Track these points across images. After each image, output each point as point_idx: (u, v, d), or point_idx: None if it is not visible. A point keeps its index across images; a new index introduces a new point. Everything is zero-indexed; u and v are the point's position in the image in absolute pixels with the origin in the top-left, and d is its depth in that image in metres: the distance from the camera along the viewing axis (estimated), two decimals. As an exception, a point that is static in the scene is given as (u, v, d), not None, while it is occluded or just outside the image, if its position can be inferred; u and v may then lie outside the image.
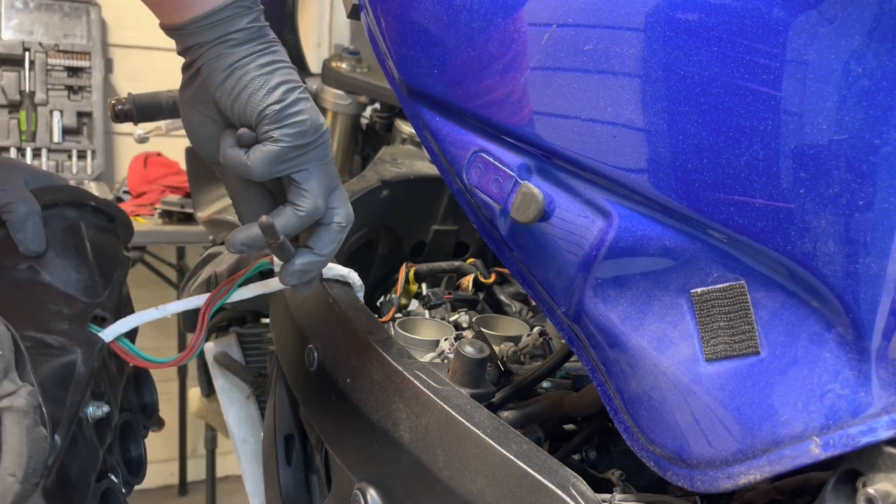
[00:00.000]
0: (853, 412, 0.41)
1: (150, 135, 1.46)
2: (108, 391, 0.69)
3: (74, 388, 0.60)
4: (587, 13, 0.49)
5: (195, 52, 0.57)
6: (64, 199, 0.72)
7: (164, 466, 2.88)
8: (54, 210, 0.71)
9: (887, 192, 0.40)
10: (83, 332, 0.65)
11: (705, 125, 0.44)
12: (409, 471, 0.59)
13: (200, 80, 0.58)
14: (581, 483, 0.49)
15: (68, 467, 0.58)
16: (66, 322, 0.64)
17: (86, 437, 0.63)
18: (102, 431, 0.67)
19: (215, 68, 0.56)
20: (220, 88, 0.57)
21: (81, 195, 0.76)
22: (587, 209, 0.52)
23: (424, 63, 0.59)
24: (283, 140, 0.56)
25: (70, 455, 0.59)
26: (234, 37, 0.57)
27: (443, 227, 1.13)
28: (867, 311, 0.41)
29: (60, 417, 0.57)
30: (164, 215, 2.43)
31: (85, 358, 0.62)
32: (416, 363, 0.63)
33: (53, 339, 0.62)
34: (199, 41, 0.57)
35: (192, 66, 0.58)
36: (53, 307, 0.65)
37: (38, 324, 0.62)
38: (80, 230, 0.73)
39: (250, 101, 0.56)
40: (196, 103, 0.59)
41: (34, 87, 2.49)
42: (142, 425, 0.82)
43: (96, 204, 0.77)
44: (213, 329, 1.47)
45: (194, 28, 0.56)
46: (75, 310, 0.66)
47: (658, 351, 0.49)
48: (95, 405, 0.64)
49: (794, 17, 0.41)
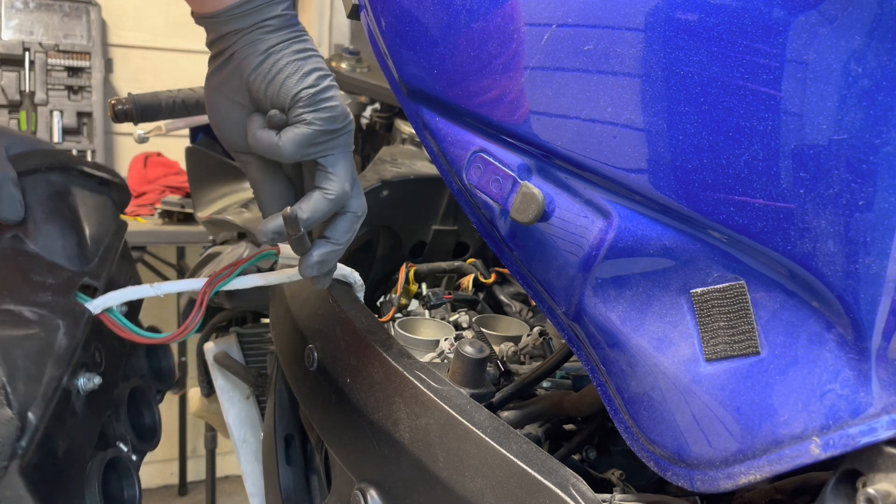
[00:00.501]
0: (853, 412, 0.41)
1: (150, 135, 1.46)
2: (104, 361, 0.66)
3: (54, 362, 0.57)
4: (587, 13, 0.49)
5: (229, 39, 0.59)
6: (48, 163, 0.69)
7: (164, 466, 2.88)
8: (37, 175, 0.68)
9: (887, 192, 0.40)
10: (68, 303, 0.62)
11: (705, 125, 0.44)
12: (409, 471, 0.59)
13: (233, 66, 0.59)
14: (581, 483, 0.49)
15: (53, 443, 0.56)
16: (49, 293, 0.62)
17: (76, 410, 0.61)
18: (98, 403, 0.65)
19: (251, 53, 0.58)
20: (254, 72, 0.58)
21: (68, 159, 0.72)
22: (587, 209, 0.52)
23: (424, 63, 0.59)
24: (315, 123, 0.58)
25: (56, 430, 0.57)
26: (269, 23, 0.58)
27: (443, 227, 1.13)
28: (867, 311, 0.41)
29: (36, 394, 0.54)
30: (164, 215, 2.43)
31: (68, 330, 0.60)
32: (416, 363, 0.63)
33: (31, 312, 0.59)
34: (235, 28, 0.58)
35: (224, 53, 0.60)
36: (37, 277, 0.63)
37: (17, 296, 0.60)
38: (67, 195, 0.71)
39: (285, 84, 0.58)
40: (225, 89, 0.60)
41: (34, 87, 2.49)
42: (155, 391, 0.79)
43: (85, 167, 0.74)
44: (213, 329, 1.47)
45: (231, 15, 0.58)
46: (61, 279, 0.64)
47: (658, 351, 0.49)
48: (86, 377, 0.62)
49: (794, 17, 0.41)
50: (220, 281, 0.66)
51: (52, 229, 0.67)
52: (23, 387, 0.53)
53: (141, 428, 0.76)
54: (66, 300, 0.62)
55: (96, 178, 0.75)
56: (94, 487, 0.63)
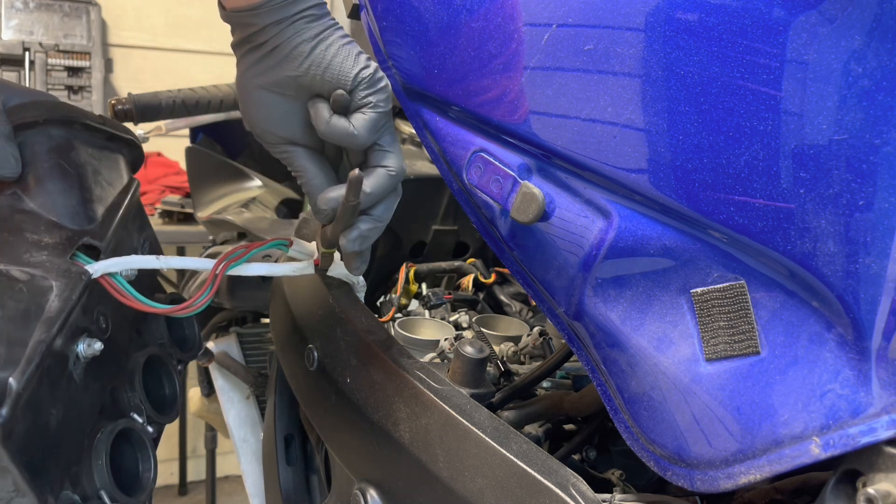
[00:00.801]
0: (853, 412, 0.41)
1: (150, 135, 1.46)
2: (109, 327, 0.62)
3: (43, 325, 0.52)
4: (587, 13, 0.49)
5: (271, 31, 0.59)
6: (47, 116, 0.64)
7: (164, 466, 2.88)
8: (36, 129, 0.63)
9: (887, 192, 0.40)
10: (64, 263, 0.58)
11: (705, 125, 0.44)
12: (409, 471, 0.59)
13: (279, 57, 0.59)
14: (581, 483, 0.49)
15: (44, 412, 0.52)
16: (44, 252, 0.58)
17: (73, 377, 0.57)
18: (102, 370, 0.61)
19: (302, 41, 0.59)
20: (308, 59, 0.59)
21: (70, 111, 0.67)
22: (587, 209, 0.52)
23: (424, 63, 0.59)
24: (380, 105, 0.60)
25: (48, 398, 0.53)
26: (310, 12, 0.60)
27: (443, 227, 1.12)
28: (867, 311, 0.41)
29: (18, 358, 0.50)
30: (164, 215, 2.43)
31: (61, 291, 0.55)
32: (416, 363, 0.63)
33: (22, 273, 0.55)
34: (278, 18, 0.58)
35: (265, 46, 0.60)
36: (32, 236, 0.59)
37: (8, 256, 0.56)
38: (69, 150, 0.66)
39: (343, 67, 0.59)
40: (270, 82, 0.61)
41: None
42: (176, 360, 0.75)
43: (89, 121, 0.69)
44: (213, 329, 1.47)
45: (272, 6, 0.58)
46: (58, 238, 0.60)
47: (658, 351, 0.49)
48: (87, 342, 0.58)
49: (794, 17, 0.41)
50: (233, 261, 0.64)
51: (52, 186, 0.63)
52: (4, 351, 0.49)
53: (159, 399, 0.71)
54: (62, 260, 0.58)
55: (103, 133, 0.71)
56: (101, 460, 0.59)
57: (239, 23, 0.60)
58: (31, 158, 0.62)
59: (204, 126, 1.53)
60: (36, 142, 0.63)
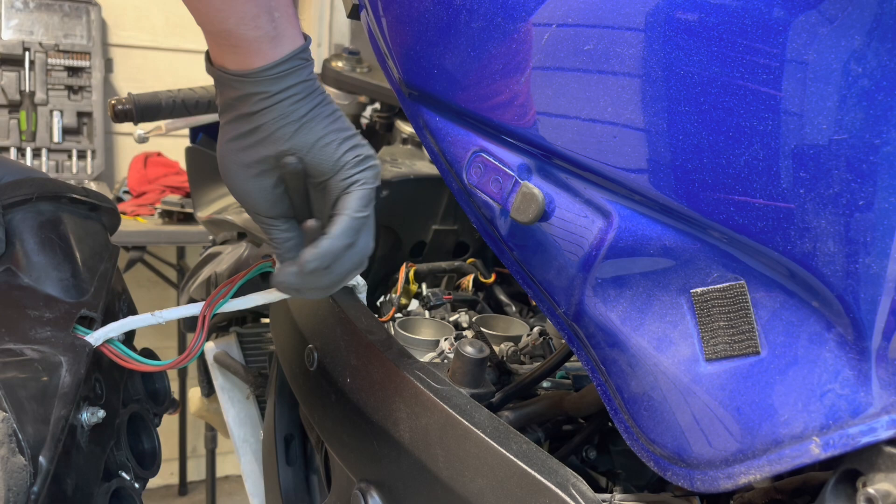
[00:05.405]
0: (853, 412, 0.41)
1: (150, 135, 1.46)
2: (104, 392, 0.65)
3: (60, 401, 0.56)
4: (587, 13, 0.49)
5: (256, 102, 0.57)
6: (36, 192, 0.67)
7: (164, 466, 2.87)
8: (27, 206, 0.66)
9: (887, 192, 0.40)
10: (67, 337, 0.60)
11: (705, 125, 0.44)
12: (409, 471, 0.59)
13: (261, 137, 0.58)
14: (581, 483, 0.49)
15: (63, 482, 0.55)
16: (48, 328, 0.60)
17: (81, 445, 0.59)
18: (101, 435, 0.64)
19: (287, 122, 0.57)
20: (291, 141, 0.58)
21: (56, 186, 0.70)
22: (587, 209, 0.52)
23: (425, 63, 0.59)
24: (369, 182, 0.59)
25: (64, 468, 0.56)
26: (298, 89, 0.58)
27: (443, 227, 1.12)
28: (867, 311, 0.41)
29: (45, 437, 0.53)
30: (164, 215, 2.43)
31: (71, 366, 0.58)
32: (416, 363, 0.63)
33: (34, 351, 0.57)
34: (264, 91, 0.56)
35: (249, 121, 0.58)
36: (33, 312, 0.61)
37: (16, 334, 0.58)
38: (59, 224, 0.68)
39: (324, 152, 0.58)
40: (250, 158, 0.59)
41: (34, 87, 2.49)
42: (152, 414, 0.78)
43: (74, 194, 0.71)
44: (213, 329, 1.47)
45: (262, 77, 0.56)
46: (58, 313, 0.62)
47: (658, 351, 0.49)
48: (90, 411, 0.61)
49: (794, 17, 0.41)
50: (217, 301, 0.66)
51: (45, 260, 0.65)
52: (32, 430, 0.52)
53: (141, 454, 0.74)
54: (65, 334, 0.61)
55: (86, 204, 0.73)
56: None
57: (226, 84, 0.58)
58: (23, 234, 0.64)
59: (204, 126, 1.52)
60: (28, 217, 0.66)
